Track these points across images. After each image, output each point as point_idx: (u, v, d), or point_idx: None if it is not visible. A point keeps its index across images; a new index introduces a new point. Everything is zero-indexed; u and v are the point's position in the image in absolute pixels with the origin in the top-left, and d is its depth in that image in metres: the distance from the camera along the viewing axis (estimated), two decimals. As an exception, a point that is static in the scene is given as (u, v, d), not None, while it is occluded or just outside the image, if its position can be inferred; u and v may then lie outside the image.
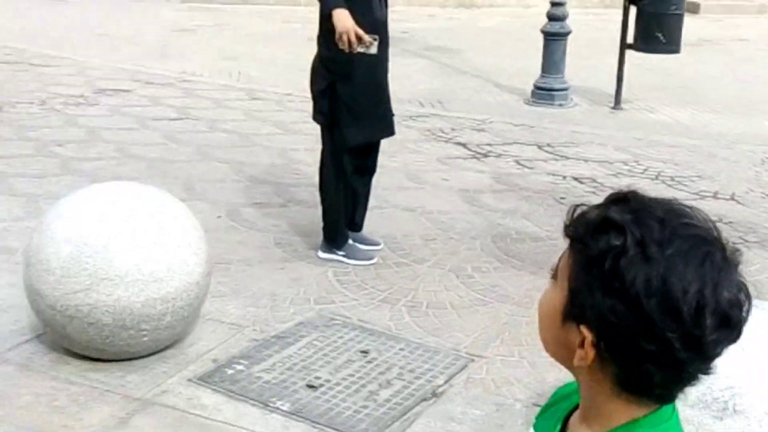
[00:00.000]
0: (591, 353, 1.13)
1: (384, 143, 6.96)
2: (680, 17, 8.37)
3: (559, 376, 3.02)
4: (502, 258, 4.77)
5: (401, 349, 3.69)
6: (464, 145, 7.06)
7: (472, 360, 3.64)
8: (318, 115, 4.45)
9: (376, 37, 4.16)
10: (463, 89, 9.25)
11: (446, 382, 3.45)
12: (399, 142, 7.05)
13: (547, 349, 1.25)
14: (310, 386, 3.36)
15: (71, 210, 3.43)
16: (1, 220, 4.95)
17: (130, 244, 3.34)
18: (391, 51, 4.62)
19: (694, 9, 16.99)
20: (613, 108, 8.58)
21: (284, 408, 3.20)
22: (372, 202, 5.57)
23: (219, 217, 5.20)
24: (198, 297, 3.54)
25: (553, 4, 8.62)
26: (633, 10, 8.39)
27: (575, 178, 6.25)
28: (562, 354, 1.20)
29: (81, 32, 11.60)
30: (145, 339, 3.40)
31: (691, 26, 14.29)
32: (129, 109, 7.65)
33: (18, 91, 8.11)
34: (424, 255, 4.77)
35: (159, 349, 3.52)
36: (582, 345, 1.13)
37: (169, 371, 3.43)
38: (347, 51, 4.07)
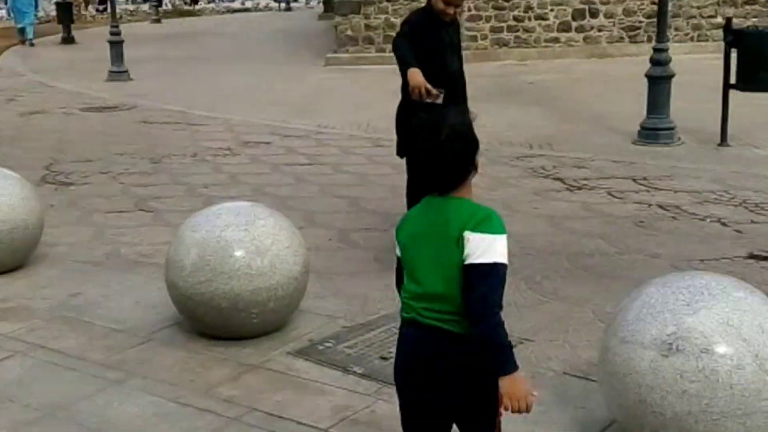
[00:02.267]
0: None
1: (486, 179, 7.77)
2: (783, 56, 8.70)
3: (594, 354, 3.61)
4: (571, 269, 5.39)
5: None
6: (561, 180, 7.70)
7: (521, 342, 4.30)
8: (399, 150, 5.31)
9: (442, 90, 4.87)
10: (575, 133, 9.86)
11: (495, 358, 4.13)
12: (501, 179, 7.82)
13: None
14: (383, 358, 4.14)
15: (198, 223, 4.42)
16: (156, 244, 6.05)
17: (243, 246, 4.27)
18: (515, 100, 5.38)
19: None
20: (719, 145, 8.94)
21: (359, 371, 4.00)
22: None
23: (330, 239, 6.11)
24: (297, 289, 4.42)
25: (656, 50, 9.16)
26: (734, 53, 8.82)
27: (660, 206, 6.76)
28: None
29: (234, 95, 13.10)
30: (255, 321, 4.30)
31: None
32: (267, 158, 8.81)
33: (175, 146, 9.47)
34: (503, 267, 5.46)
35: (267, 332, 4.41)
36: None
37: (273, 346, 4.31)
38: (419, 101, 4.88)
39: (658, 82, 9.11)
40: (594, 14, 16.55)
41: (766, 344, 2.94)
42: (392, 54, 5.13)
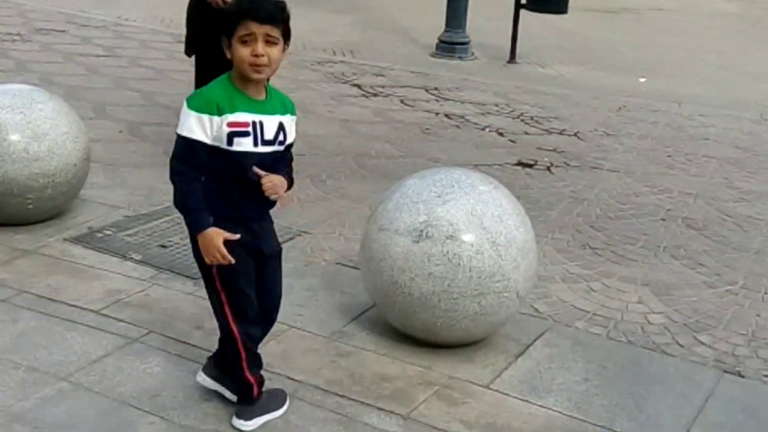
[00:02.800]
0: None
1: (286, 81, 7.85)
2: (568, -20, 9.25)
3: (364, 246, 3.85)
4: (355, 169, 5.65)
5: (244, 226, 4.56)
6: (359, 86, 7.92)
7: (300, 234, 4.52)
8: (188, 48, 5.34)
9: None
10: (378, 42, 10.09)
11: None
12: (301, 81, 7.93)
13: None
14: (162, 246, 4.23)
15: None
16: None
17: (20, 130, 4.16)
18: (324, 6, 5.43)
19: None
20: (508, 62, 9.47)
21: (137, 258, 4.07)
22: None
23: (120, 132, 6.03)
24: (76, 176, 4.38)
25: (457, -35, 9.47)
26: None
27: (446, 115, 7.14)
28: None
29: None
30: (30, 207, 4.24)
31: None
32: (59, 47, 8.43)
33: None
34: (291, 165, 5.64)
35: (43, 219, 4.36)
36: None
37: (49, 233, 4.28)
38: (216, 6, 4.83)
39: (457, -2, 9.46)
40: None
41: (502, 233, 3.29)
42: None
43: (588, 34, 11.41)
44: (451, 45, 9.48)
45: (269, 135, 2.73)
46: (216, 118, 2.63)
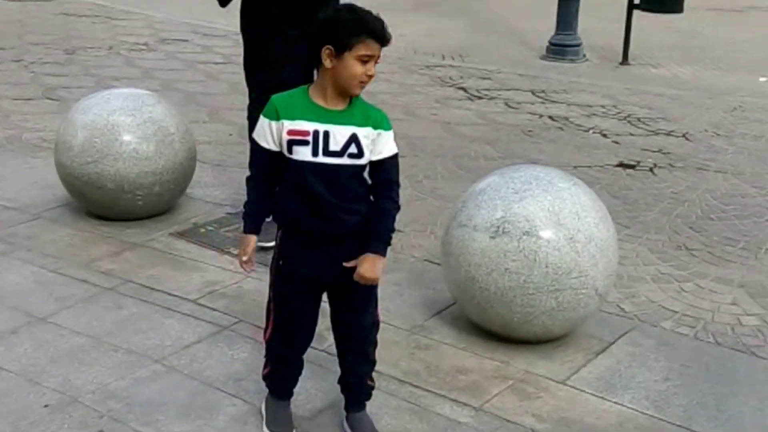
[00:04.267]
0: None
1: (395, 86, 8.01)
2: (683, -21, 9.01)
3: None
4: (453, 170, 5.72)
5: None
6: (464, 89, 7.98)
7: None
8: None
9: None
10: (487, 45, 10.11)
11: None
12: (408, 86, 8.07)
13: None
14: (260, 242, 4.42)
15: (87, 106, 4.58)
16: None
17: (131, 131, 4.46)
18: (434, 11, 5.54)
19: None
20: (620, 63, 9.30)
21: (235, 252, 4.28)
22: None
23: (230, 135, 6.32)
24: (183, 174, 4.65)
25: (569, -33, 9.38)
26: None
27: (550, 117, 7.10)
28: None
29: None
30: (140, 203, 4.53)
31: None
32: (182, 55, 8.88)
33: (92, 39, 9.45)
34: (390, 166, 5.76)
35: (152, 214, 4.65)
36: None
37: (157, 228, 4.56)
38: None
39: (568, 0, 9.36)
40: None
41: (579, 229, 3.29)
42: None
43: (708, 34, 11.06)
44: (561, 47, 9.40)
45: (336, 146, 2.59)
46: (274, 124, 2.59)
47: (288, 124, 2.59)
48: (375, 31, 2.54)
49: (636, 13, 9.24)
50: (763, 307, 3.94)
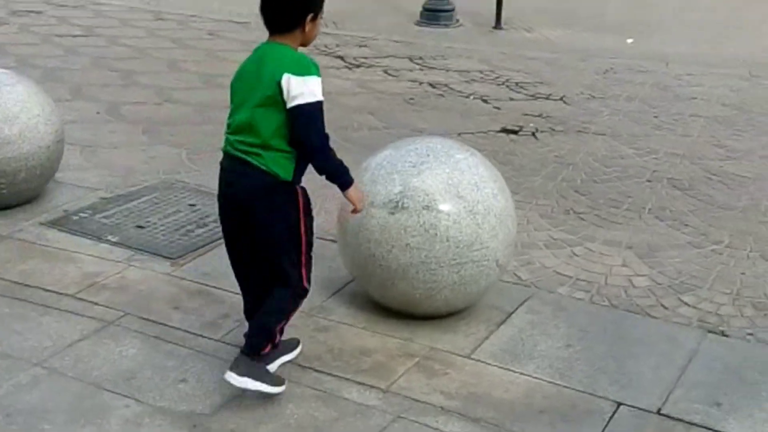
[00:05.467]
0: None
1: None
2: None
3: (341, 218, 3.83)
4: (338, 143, 5.46)
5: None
6: (342, 58, 7.82)
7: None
8: None
9: None
10: (362, 11, 9.96)
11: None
12: (283, 55, 7.81)
13: None
14: (139, 226, 4.17)
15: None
16: None
17: (-10, 113, 4.09)
18: None
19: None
20: (494, 28, 9.36)
21: (113, 240, 4.02)
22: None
23: (98, 113, 5.95)
24: (50, 159, 4.31)
25: (439, -69, 9.33)
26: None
27: (430, 84, 7.05)
28: None
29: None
30: (4, 192, 4.18)
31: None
32: (37, 28, 8.32)
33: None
34: (272, 140, 5.56)
35: (19, 203, 4.30)
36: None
37: (25, 217, 4.22)
38: None
39: (440, -36, 9.32)
40: None
41: (479, 201, 3.23)
42: None
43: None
44: (435, 12, 9.37)
45: None
46: None
47: None
48: None
49: (506, -23, 9.30)
50: (651, 267, 4.02)
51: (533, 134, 5.86)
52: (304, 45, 2.81)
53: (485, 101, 6.61)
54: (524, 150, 5.54)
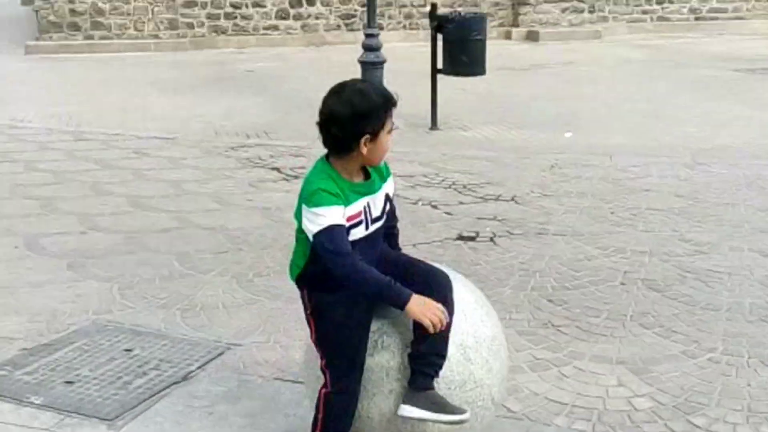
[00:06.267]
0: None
1: (199, 172, 7.36)
2: (482, 42, 9.03)
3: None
4: (285, 264, 5.08)
5: (164, 345, 3.99)
6: (278, 169, 7.44)
7: (229, 348, 3.97)
8: None
9: None
10: (292, 120, 9.66)
11: (199, 368, 3.77)
12: (215, 171, 7.42)
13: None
14: (68, 382, 3.61)
15: None
16: None
17: None
18: (231, 90, 4.94)
19: (534, 37, 18.03)
20: (430, 129, 9.16)
21: (37, 401, 3.45)
22: (174, 224, 5.90)
23: (16, 247, 5.39)
24: (-40, 310, 3.75)
25: (367, 36, 9.19)
26: (440, 39, 9.03)
27: (374, 191, 6.70)
28: None
29: None
30: None
31: (528, 53, 15.36)
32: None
33: None
34: (212, 266, 5.08)
35: (-75, 363, 3.71)
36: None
37: (-69, 381, 3.63)
38: None
39: (371, 68, 9.14)
40: (311, 2, 16.52)
41: (467, 331, 2.81)
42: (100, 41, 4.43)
43: (504, 93, 11.24)
44: (369, 117, 9.12)
45: (377, 212, 2.71)
46: (343, 209, 2.58)
47: (348, 211, 2.59)
48: (392, 98, 2.63)
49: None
50: (649, 384, 3.64)
51: (491, 240, 5.52)
52: (370, 165, 2.69)
53: (435, 207, 6.28)
54: (486, 258, 5.18)
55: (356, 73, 9.25)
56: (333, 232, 2.55)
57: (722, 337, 4.05)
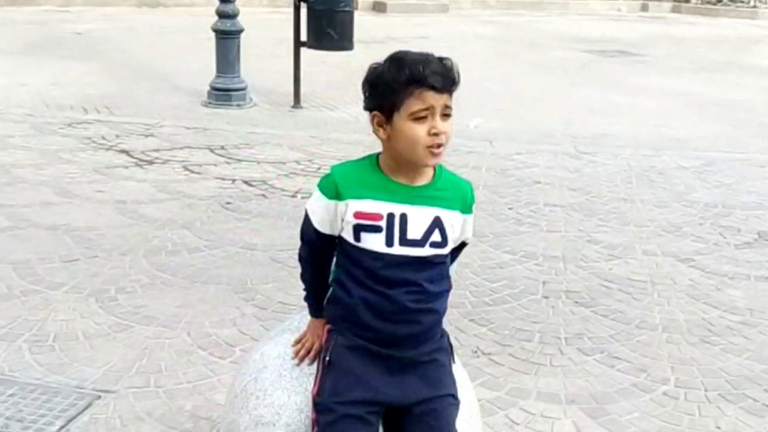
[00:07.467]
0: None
1: (33, 155, 6.29)
2: (350, 14, 8.37)
3: (198, 402, 2.74)
4: (153, 274, 4.27)
5: (12, 395, 3.10)
6: (128, 153, 6.48)
7: (99, 397, 3.13)
8: None
9: None
10: (136, 93, 8.63)
11: (62, 427, 2.92)
12: (51, 153, 6.38)
13: None
14: None
15: None
16: None
17: None
18: (57, 53, 3.97)
19: (382, 8, 17.54)
20: (293, 107, 8.42)
21: None
22: (6, 222, 4.90)
23: None
24: None
25: (223, 1, 8.27)
26: (304, 9, 8.27)
27: (245, 182, 5.91)
28: None
29: None
30: None
31: (379, 25, 14.80)
32: None
33: None
34: (62, 279, 4.16)
35: None
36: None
37: None
38: None
39: (227, 37, 8.25)
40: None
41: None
42: None
43: (362, 68, 10.62)
44: (226, 92, 8.25)
45: (415, 233, 2.09)
46: (332, 204, 2.11)
47: (354, 205, 2.08)
48: (425, 77, 2.04)
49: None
50: (609, 429, 3.15)
51: (389, 243, 4.90)
52: (408, 161, 2.09)
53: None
54: (388, 266, 4.56)
55: (201, 40, 8.37)
56: (307, 213, 2.20)
57: (670, 364, 3.64)
